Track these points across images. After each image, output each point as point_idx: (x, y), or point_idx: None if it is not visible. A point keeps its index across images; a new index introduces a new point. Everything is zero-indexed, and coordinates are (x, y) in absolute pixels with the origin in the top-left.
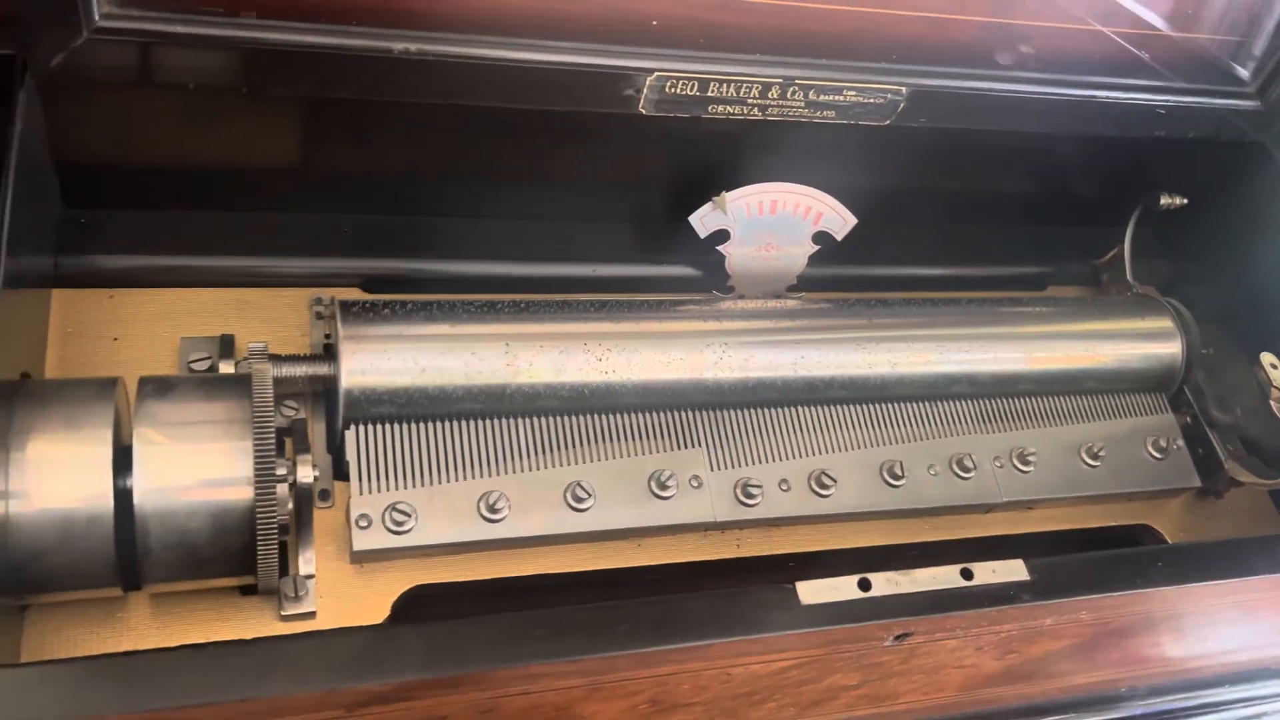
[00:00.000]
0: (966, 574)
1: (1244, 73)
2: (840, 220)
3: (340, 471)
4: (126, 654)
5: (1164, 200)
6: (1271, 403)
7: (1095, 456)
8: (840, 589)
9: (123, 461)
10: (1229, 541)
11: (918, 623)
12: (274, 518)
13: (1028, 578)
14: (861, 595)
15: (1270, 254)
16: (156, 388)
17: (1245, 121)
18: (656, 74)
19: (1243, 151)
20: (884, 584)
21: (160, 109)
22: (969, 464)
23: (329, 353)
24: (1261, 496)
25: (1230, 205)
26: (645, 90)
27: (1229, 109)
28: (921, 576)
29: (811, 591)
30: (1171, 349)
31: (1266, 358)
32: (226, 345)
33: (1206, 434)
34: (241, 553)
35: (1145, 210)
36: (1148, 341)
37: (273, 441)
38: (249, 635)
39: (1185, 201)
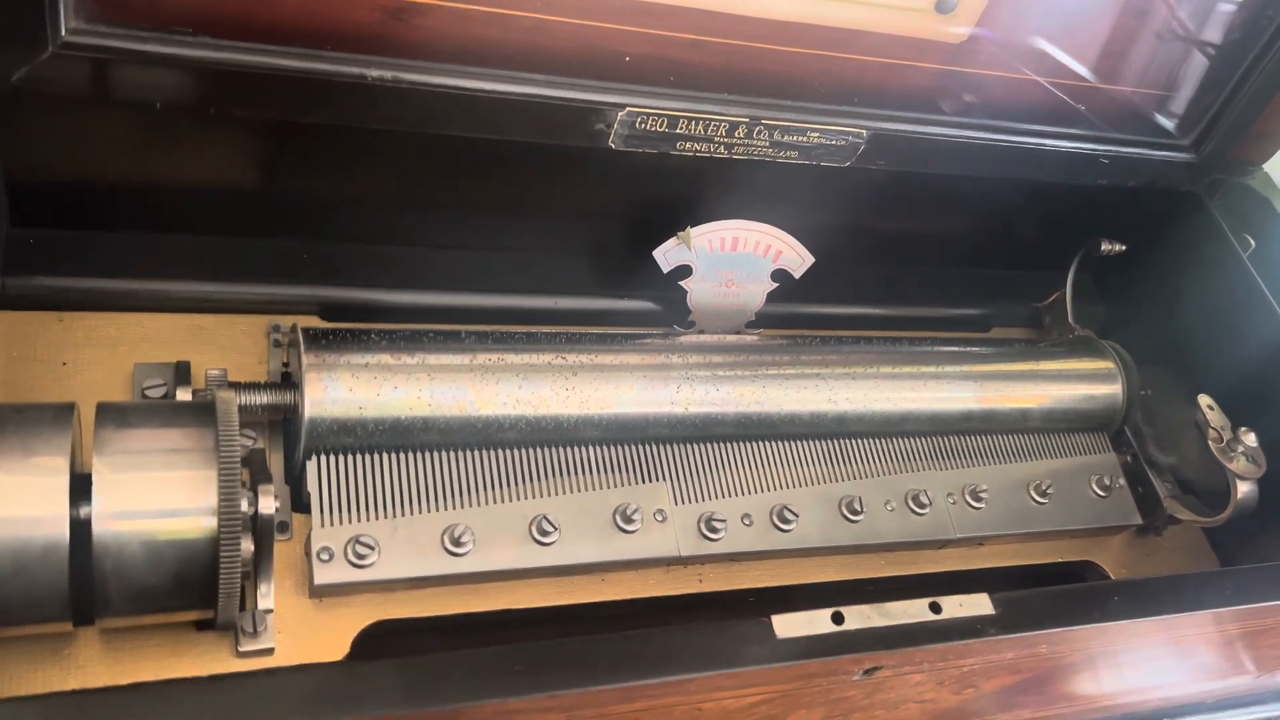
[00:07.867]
0: (935, 608)
1: (1180, 127)
2: (799, 259)
3: (299, 503)
4: (80, 691)
5: (1104, 246)
6: (1209, 443)
7: (1043, 494)
8: (815, 622)
9: (80, 489)
10: (1180, 577)
11: (888, 656)
12: (237, 550)
13: (993, 612)
14: (835, 629)
15: (1204, 299)
16: (116, 414)
17: (1179, 173)
18: (627, 109)
19: (1177, 201)
20: (857, 618)
21: (118, 128)
22: (924, 500)
23: (289, 381)
24: (1197, 534)
25: (1166, 252)
26: (615, 125)
27: (1165, 160)
28: (893, 610)
29: (787, 625)
30: (1112, 390)
31: (1204, 399)
32: (182, 372)
33: (1146, 473)
34: (201, 586)
35: (1086, 256)
36: (1089, 383)
37: (237, 471)
38: (204, 673)
39: (1124, 248)
